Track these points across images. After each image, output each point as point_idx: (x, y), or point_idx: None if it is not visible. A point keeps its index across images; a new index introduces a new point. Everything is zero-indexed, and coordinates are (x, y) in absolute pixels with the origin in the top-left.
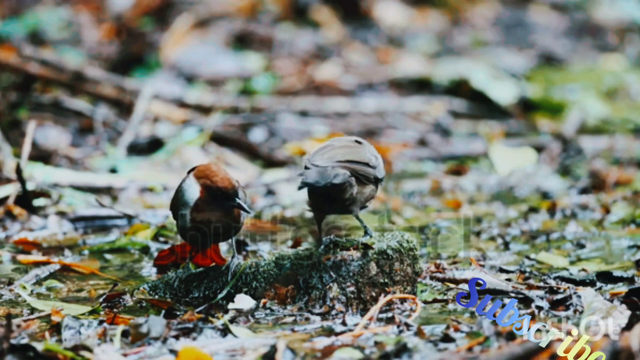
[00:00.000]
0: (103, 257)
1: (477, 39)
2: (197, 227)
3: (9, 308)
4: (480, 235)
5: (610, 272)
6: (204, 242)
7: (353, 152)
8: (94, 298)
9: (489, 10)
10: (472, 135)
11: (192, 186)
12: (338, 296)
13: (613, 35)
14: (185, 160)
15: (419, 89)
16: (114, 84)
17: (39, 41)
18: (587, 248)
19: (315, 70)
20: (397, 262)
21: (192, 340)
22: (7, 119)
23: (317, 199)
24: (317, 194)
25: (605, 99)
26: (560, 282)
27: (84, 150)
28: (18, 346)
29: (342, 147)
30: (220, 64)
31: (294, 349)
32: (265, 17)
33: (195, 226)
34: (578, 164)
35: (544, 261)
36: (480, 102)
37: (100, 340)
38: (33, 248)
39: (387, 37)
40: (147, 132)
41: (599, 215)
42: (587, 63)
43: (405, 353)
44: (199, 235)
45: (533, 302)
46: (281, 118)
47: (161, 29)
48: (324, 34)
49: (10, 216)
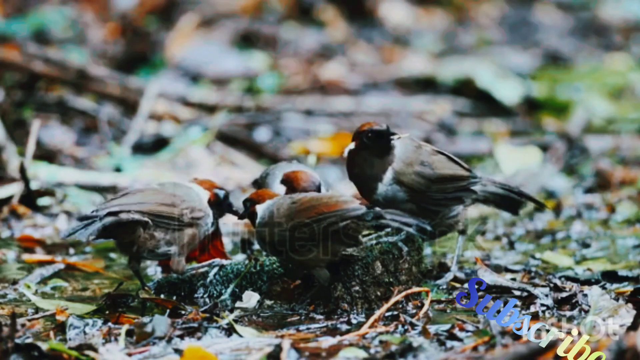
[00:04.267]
0: (108, 256)
1: (482, 38)
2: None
3: (14, 307)
4: (485, 234)
5: (616, 271)
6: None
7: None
8: (98, 297)
9: (494, 10)
10: (477, 134)
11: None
12: (343, 295)
13: (618, 35)
14: (190, 159)
15: (424, 88)
16: (119, 83)
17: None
18: (592, 247)
19: (320, 69)
20: (402, 261)
21: (197, 340)
22: (11, 118)
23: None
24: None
25: (610, 98)
26: (565, 281)
27: (89, 149)
28: (23, 345)
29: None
30: (225, 63)
31: (298, 349)
32: (270, 16)
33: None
34: (583, 163)
35: (549, 260)
36: (485, 101)
37: (105, 340)
38: (37, 245)
39: (392, 37)
40: (152, 131)
41: (604, 215)
42: (593, 62)
43: (410, 352)
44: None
45: (539, 301)
46: (286, 117)
47: (166, 28)
48: (329, 33)
49: (15, 215)
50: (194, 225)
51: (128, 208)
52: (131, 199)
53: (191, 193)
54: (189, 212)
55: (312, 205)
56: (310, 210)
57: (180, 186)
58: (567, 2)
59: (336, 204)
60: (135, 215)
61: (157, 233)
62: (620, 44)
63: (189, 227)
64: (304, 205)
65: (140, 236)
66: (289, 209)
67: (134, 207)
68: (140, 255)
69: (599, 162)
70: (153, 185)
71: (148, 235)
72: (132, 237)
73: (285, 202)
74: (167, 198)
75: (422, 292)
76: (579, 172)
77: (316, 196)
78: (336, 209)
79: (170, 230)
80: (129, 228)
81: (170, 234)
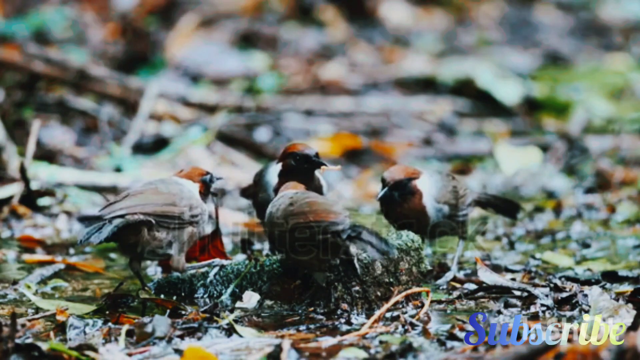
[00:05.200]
0: (108, 256)
1: (483, 38)
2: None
3: (14, 307)
4: (485, 234)
5: (616, 271)
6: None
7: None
8: (98, 297)
9: (495, 10)
10: (477, 134)
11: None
12: (343, 295)
13: (618, 35)
14: (190, 159)
15: (424, 89)
16: (119, 83)
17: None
18: (592, 248)
19: (320, 69)
20: (402, 262)
21: (197, 340)
22: (12, 118)
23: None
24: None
25: (610, 98)
26: (565, 281)
27: (89, 149)
28: (23, 346)
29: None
30: (225, 63)
31: (299, 349)
32: (270, 16)
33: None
34: (583, 163)
35: (549, 261)
36: (485, 102)
37: (105, 340)
38: (37, 245)
39: (392, 37)
40: (152, 131)
41: (604, 215)
42: (593, 62)
43: (410, 352)
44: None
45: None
46: (286, 117)
47: (166, 28)
48: (329, 33)
49: (15, 215)
50: (193, 223)
51: (133, 210)
52: (134, 200)
53: (184, 190)
54: (189, 210)
55: (303, 211)
56: (300, 215)
57: (171, 183)
58: (567, 2)
59: (323, 213)
60: (141, 216)
61: (159, 233)
62: (620, 44)
63: (188, 225)
64: (298, 208)
65: (144, 237)
66: (285, 210)
67: (138, 209)
68: (142, 256)
69: (599, 162)
70: (139, 185)
71: (151, 235)
72: (137, 238)
73: (285, 202)
74: (168, 198)
75: (422, 292)
76: (579, 172)
77: (312, 200)
78: (320, 219)
79: (172, 229)
80: (134, 229)
81: (172, 233)
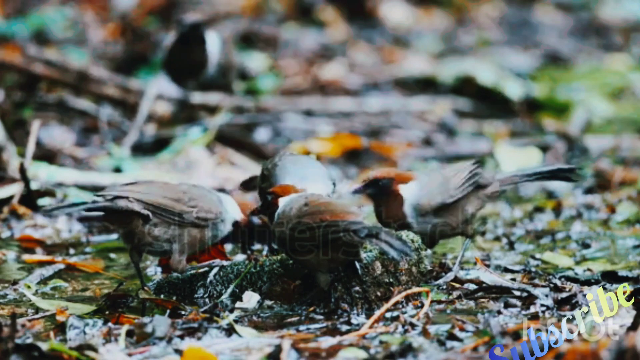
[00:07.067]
0: (108, 256)
1: (482, 38)
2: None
3: (14, 307)
4: (485, 234)
5: (616, 271)
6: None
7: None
8: (98, 297)
9: (494, 10)
10: (477, 134)
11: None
12: (343, 296)
13: (618, 35)
14: (190, 159)
15: (424, 89)
16: (119, 83)
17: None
18: (592, 248)
19: (320, 69)
20: (402, 262)
21: (197, 340)
22: (11, 118)
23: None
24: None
25: (610, 98)
26: (565, 281)
27: (89, 149)
28: (23, 346)
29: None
30: None
31: (299, 349)
32: (270, 16)
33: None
34: (583, 163)
35: (549, 261)
36: (485, 101)
37: (105, 340)
38: (37, 246)
39: (392, 37)
40: (152, 132)
41: (604, 215)
42: (593, 63)
43: (410, 353)
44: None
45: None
46: (286, 117)
47: (166, 28)
48: (329, 33)
49: (15, 215)
50: (200, 226)
51: (128, 195)
52: (135, 187)
53: (209, 195)
54: (195, 211)
55: (319, 210)
56: (317, 214)
57: (199, 188)
58: (567, 2)
59: (340, 213)
60: (134, 204)
61: (157, 227)
62: (620, 44)
63: (193, 226)
64: (313, 208)
65: (138, 227)
66: (300, 210)
67: (136, 196)
68: (140, 248)
69: (599, 162)
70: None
71: (148, 228)
72: (130, 227)
73: (300, 202)
74: (174, 193)
75: (422, 292)
76: (579, 172)
77: (327, 201)
78: (338, 218)
79: (172, 226)
80: (126, 217)
81: (172, 230)
